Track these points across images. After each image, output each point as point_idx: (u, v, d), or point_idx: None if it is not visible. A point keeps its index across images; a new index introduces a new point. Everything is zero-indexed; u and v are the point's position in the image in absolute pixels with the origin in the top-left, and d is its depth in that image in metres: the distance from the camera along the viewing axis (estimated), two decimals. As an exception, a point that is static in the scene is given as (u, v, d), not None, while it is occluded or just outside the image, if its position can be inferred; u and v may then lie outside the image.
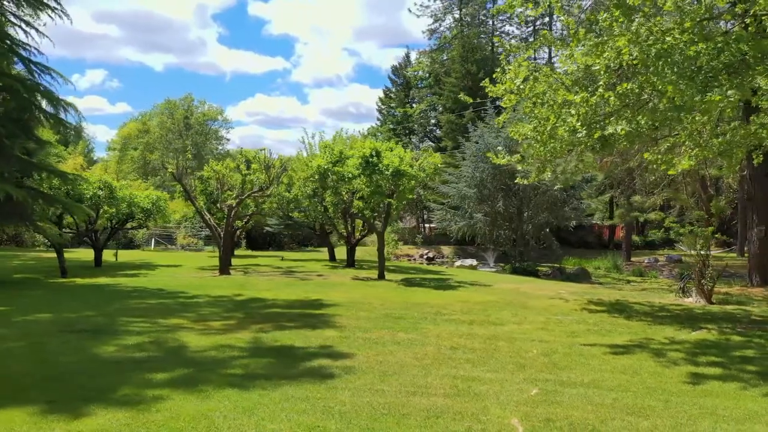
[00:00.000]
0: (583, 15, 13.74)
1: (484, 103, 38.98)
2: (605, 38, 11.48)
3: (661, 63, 9.91)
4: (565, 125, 11.93)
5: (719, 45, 8.99)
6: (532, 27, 47.97)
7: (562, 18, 12.40)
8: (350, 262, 23.10)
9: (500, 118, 14.67)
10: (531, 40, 40.44)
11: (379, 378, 6.41)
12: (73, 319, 10.09)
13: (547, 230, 28.74)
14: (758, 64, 8.76)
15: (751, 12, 10.24)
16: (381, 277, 18.47)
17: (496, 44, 48.37)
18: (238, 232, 29.67)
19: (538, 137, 13.37)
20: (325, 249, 42.15)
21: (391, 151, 18.02)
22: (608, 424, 4.97)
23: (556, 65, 12.57)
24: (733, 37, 8.86)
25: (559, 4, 12.66)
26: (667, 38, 9.71)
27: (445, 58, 49.90)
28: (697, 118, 9.56)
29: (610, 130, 10.93)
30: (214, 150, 64.90)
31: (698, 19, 9.90)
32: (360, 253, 32.40)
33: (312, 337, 8.71)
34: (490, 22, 49.39)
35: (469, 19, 49.77)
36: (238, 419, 4.91)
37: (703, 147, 12.51)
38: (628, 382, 6.50)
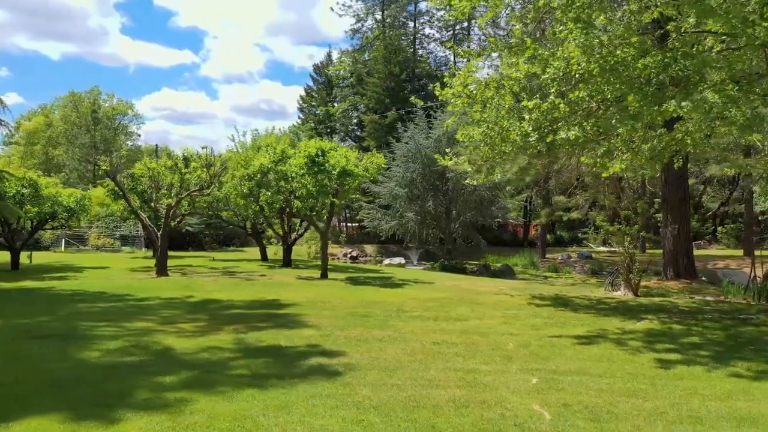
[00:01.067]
0: (530, 26, 14.46)
1: (414, 105, 39.73)
2: (555, 49, 12.24)
3: (608, 74, 10.77)
4: (518, 129, 12.51)
5: (666, 60, 9.88)
6: (452, 31, 49.34)
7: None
8: (287, 262, 22.98)
9: (448, 121, 15.20)
10: (477, 46, 41.65)
11: (385, 374, 6.64)
12: (30, 324, 9.58)
13: (473, 229, 29.80)
14: (702, 79, 9.75)
15: (683, 29, 11.34)
16: (324, 276, 18.56)
17: (418, 46, 49.44)
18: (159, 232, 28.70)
19: (488, 140, 13.91)
20: (250, 248, 41.66)
21: (336, 150, 18.15)
22: (618, 406, 5.47)
23: (500, 72, 13.22)
24: (679, 53, 9.79)
25: (516, 14, 13.34)
26: (618, 52, 10.51)
27: (367, 58, 50.33)
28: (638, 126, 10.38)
29: (562, 135, 11.68)
30: (123, 145, 61.92)
31: (637, 34, 10.85)
32: (281, 252, 32.24)
33: (293, 337, 8.78)
34: (412, 24, 50.34)
35: (390, 20, 50.42)
36: (279, 417, 5.00)
37: (635, 152, 13.60)
38: (610, 369, 7.10)
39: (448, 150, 15.51)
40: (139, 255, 31.30)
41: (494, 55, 16.17)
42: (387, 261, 31.92)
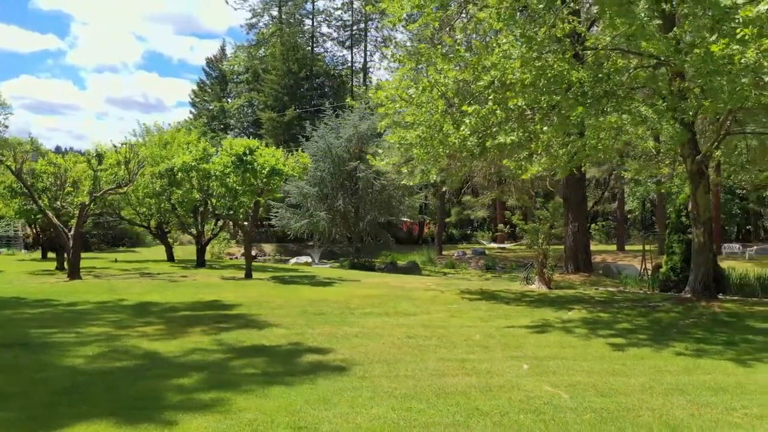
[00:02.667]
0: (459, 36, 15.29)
1: (313, 104, 39.75)
2: (485, 58, 13.12)
3: (543, 85, 11.81)
4: (457, 133, 13.21)
5: (600, 75, 11.04)
6: (350, 31, 49.89)
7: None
8: (201, 262, 22.38)
9: (382, 123, 15.62)
10: (399, 47, 42.06)
11: (389, 367, 7.01)
12: (-27, 334, 8.86)
13: (381, 227, 30.57)
14: (628, 95, 11.01)
15: (599, 46, 12.66)
16: (248, 276, 18.37)
17: (316, 44, 49.48)
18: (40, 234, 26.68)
19: (423, 143, 14.51)
20: (143, 249, 39.61)
21: (260, 149, 18.02)
22: (612, 384, 6.25)
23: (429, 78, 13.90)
24: (612, 69, 10.97)
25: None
26: (555, 66, 11.55)
27: (263, 54, 49.59)
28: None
29: (501, 139, 12.56)
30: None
31: (564, 50, 11.97)
32: (186, 252, 31.15)
33: (270, 336, 8.87)
34: (309, 22, 50.31)
35: (287, 17, 50.05)
36: (329, 410, 5.23)
37: (554, 157, 14.89)
38: (579, 354, 7.95)
39: (380, 151, 16.01)
40: (24, 258, 28.87)
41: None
42: (294, 260, 31.85)
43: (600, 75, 10.91)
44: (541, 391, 5.87)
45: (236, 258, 37.26)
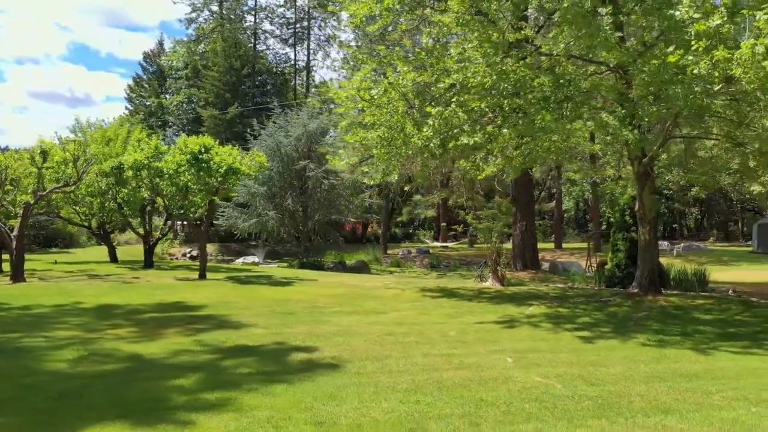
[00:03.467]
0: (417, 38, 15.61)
1: (256, 101, 39.22)
2: (444, 61, 13.47)
3: (503, 87, 12.27)
4: (420, 134, 13.45)
5: (560, 81, 11.56)
6: (293, 29, 49.50)
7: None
8: (149, 263, 21.78)
9: (343, 123, 15.75)
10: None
11: (381, 363, 7.18)
12: (-67, 340, 8.42)
13: (330, 227, 30.60)
14: (584, 102, 11.59)
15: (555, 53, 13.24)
16: (203, 276, 18.07)
17: (259, 42, 48.83)
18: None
19: (384, 143, 14.70)
20: (78, 250, 37.98)
21: (214, 148, 17.77)
22: (595, 374, 6.65)
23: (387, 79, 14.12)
24: (573, 77, 11.51)
25: (404, 27, 14.30)
26: (518, 71, 12.00)
27: (202, 49, 48.52)
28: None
29: (464, 140, 12.93)
30: None
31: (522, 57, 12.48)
32: (126, 253, 30.14)
33: (250, 336, 8.87)
34: (251, 19, 49.60)
35: (226, 13, 49.15)
36: (340, 405, 5.36)
37: (509, 158, 15.41)
38: (554, 347, 8.37)
39: (341, 150, 16.08)
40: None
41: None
42: (241, 260, 31.37)
43: (561, 81, 11.43)
44: (534, 382, 6.20)
45: (176, 259, 36.39)
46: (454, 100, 13.16)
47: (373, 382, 6.19)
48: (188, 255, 38.78)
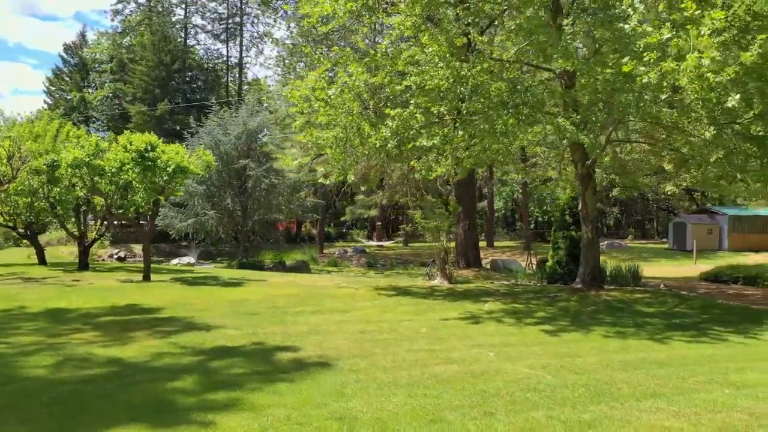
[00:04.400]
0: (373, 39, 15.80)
1: (186, 98, 38.15)
2: (396, 62, 13.74)
3: (460, 90, 12.69)
4: (378, 135, 13.65)
5: (517, 87, 12.08)
6: (225, 24, 48.43)
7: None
8: (84, 265, 20.80)
9: (297, 122, 15.71)
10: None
11: (369, 360, 7.32)
12: None
13: (269, 227, 30.27)
14: (536, 108, 12.15)
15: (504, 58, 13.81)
16: (147, 278, 17.50)
17: (189, 36, 47.47)
18: None
19: (339, 143, 14.81)
20: (-4, 251, 35.65)
21: (160, 145, 17.25)
22: (575, 364, 7.08)
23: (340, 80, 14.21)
24: (528, 84, 12.05)
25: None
26: (477, 76, 12.43)
27: (128, 42, 46.67)
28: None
29: (423, 142, 13.23)
30: None
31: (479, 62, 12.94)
32: (52, 255, 28.67)
33: (226, 338, 8.77)
34: (182, 13, 48.15)
35: (154, 5, 47.49)
36: (350, 401, 5.47)
37: (459, 159, 15.88)
38: (525, 341, 8.79)
39: (293, 149, 15.96)
40: None
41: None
42: (176, 261, 30.51)
43: (518, 87, 11.94)
44: (524, 373, 6.54)
45: (103, 260, 34.88)
46: (412, 102, 13.45)
47: (371, 379, 6.33)
48: (115, 256, 37.30)
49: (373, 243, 44.40)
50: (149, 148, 16.44)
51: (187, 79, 45.51)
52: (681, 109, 11.41)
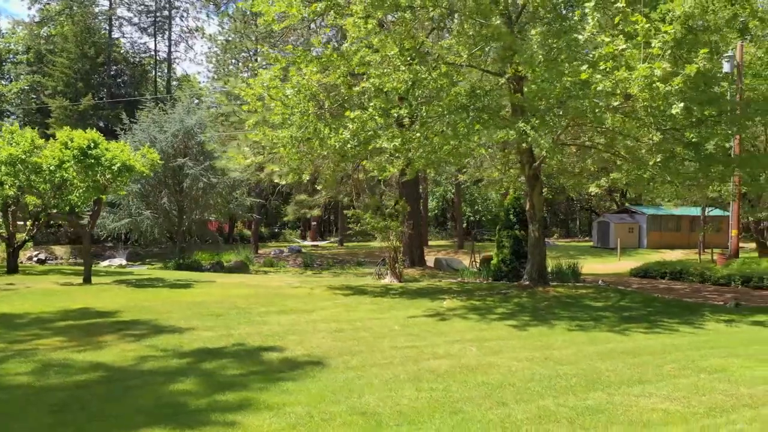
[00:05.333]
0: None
1: (123, 93, 36.67)
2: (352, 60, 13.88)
3: (419, 93, 13.01)
4: (337, 136, 13.72)
5: (477, 92, 12.50)
6: (153, 17, 46.71)
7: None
8: (13, 268, 19.65)
9: (250, 121, 15.53)
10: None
11: (358, 358, 7.44)
12: None
13: (204, 226, 29.57)
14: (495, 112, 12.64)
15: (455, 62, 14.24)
16: (88, 281, 16.77)
17: (114, 29, 45.50)
18: None
19: (294, 143, 14.79)
20: None
21: (103, 142, 16.58)
22: (554, 356, 7.49)
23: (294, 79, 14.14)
24: (487, 89, 12.49)
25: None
26: (438, 81, 12.77)
27: (47, 32, 44.17)
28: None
29: (384, 144, 13.43)
30: None
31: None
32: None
33: (203, 339, 8.64)
34: (107, 4, 46.01)
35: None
36: (363, 397, 5.59)
37: (411, 160, 16.21)
38: (498, 336, 9.16)
39: (245, 148, 15.71)
40: None
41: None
42: (106, 262, 29.29)
43: (478, 91, 12.37)
44: (515, 366, 6.87)
45: (21, 263, 32.93)
46: (372, 104, 13.60)
47: (372, 375, 6.47)
48: (35, 258, 35.32)
49: (308, 243, 44.14)
50: (92, 145, 15.78)
51: (113, 73, 43.59)
52: (631, 116, 12.16)
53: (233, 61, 41.40)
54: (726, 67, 17.52)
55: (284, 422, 4.89)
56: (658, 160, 13.67)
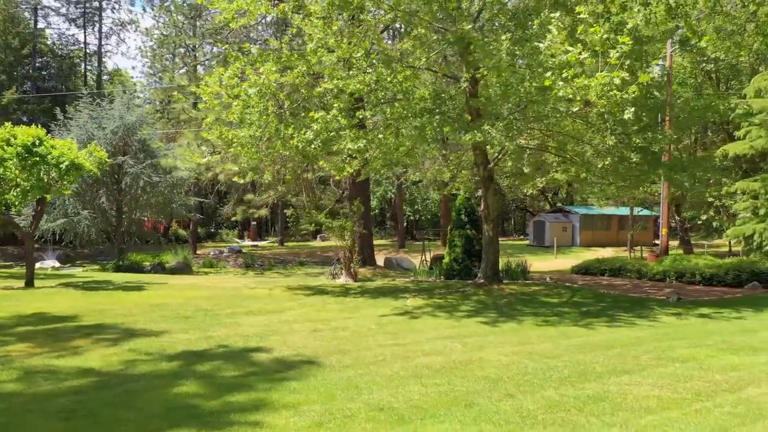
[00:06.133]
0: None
1: (51, 87, 34.95)
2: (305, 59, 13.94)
3: (381, 95, 13.26)
4: (301, 136, 13.73)
5: (443, 96, 12.83)
6: (83, 8, 44.60)
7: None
8: (-58, 271, 18.46)
9: (208, 119, 15.29)
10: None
11: (351, 357, 7.53)
12: None
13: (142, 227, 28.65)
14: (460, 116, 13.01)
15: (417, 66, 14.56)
16: (30, 284, 16.00)
17: (39, 19, 43.20)
18: None
19: (253, 142, 14.68)
20: None
21: (47, 140, 15.85)
22: (538, 350, 7.86)
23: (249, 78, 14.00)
24: (453, 93, 12.83)
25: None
26: (404, 83, 13.02)
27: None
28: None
29: (349, 145, 13.55)
30: None
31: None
32: None
33: (182, 342, 8.51)
34: (31, -7, 43.56)
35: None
36: (373, 394, 5.72)
37: (368, 161, 16.41)
38: (474, 332, 9.49)
39: (204, 147, 15.35)
40: None
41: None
42: (38, 265, 27.86)
43: (443, 95, 12.69)
44: (506, 360, 7.18)
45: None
46: (336, 105, 13.68)
47: (372, 373, 6.61)
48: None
49: (248, 243, 43.47)
50: (37, 142, 15.08)
51: (38, 65, 41.41)
52: (585, 120, 12.81)
53: (170, 56, 40.27)
54: (657, 75, 18.75)
55: (308, 420, 4.97)
56: (607, 162, 14.46)
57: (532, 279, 18.78)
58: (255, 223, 43.16)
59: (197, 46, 37.70)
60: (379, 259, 25.96)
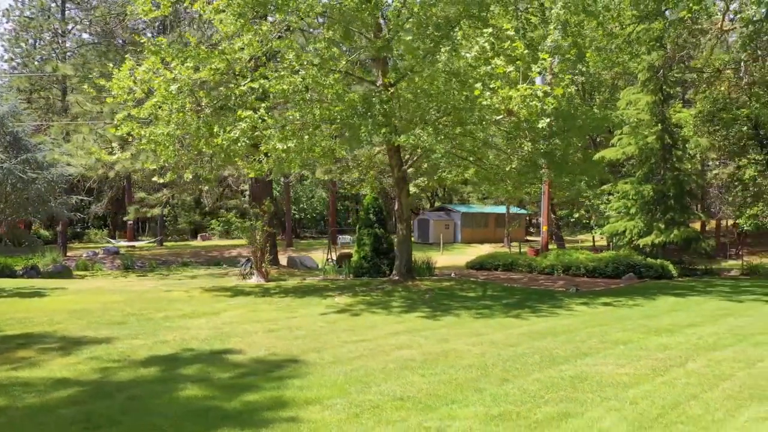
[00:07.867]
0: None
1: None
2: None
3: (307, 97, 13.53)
4: (225, 135, 13.55)
5: (373, 99, 13.28)
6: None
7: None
8: None
9: (119, 115, 14.55)
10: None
11: (329, 353, 7.76)
12: None
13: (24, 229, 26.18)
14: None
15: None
16: None
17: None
18: None
19: (168, 140, 14.27)
20: None
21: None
22: (499, 340, 8.56)
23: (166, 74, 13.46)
24: (384, 98, 13.29)
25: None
26: (335, 86, 13.31)
27: None
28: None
29: (278, 145, 13.57)
30: None
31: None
32: None
33: (146, 348, 8.22)
34: None
35: None
36: (381, 385, 6.05)
37: (283, 159, 16.46)
38: (423, 326, 10.04)
39: (115, 144, 14.39)
40: None
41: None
42: None
43: (374, 98, 13.15)
44: (476, 351, 7.79)
45: None
46: (263, 105, 13.63)
47: (363, 367, 6.92)
48: None
49: (124, 243, 41.01)
50: None
51: None
52: (502, 127, 13.88)
53: (34, 41, 37.01)
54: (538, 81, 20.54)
55: (342, 413, 5.21)
56: (514, 165, 15.70)
57: (438, 275, 19.75)
58: (131, 222, 40.75)
59: (67, 31, 35.01)
60: (286, 259, 25.87)
